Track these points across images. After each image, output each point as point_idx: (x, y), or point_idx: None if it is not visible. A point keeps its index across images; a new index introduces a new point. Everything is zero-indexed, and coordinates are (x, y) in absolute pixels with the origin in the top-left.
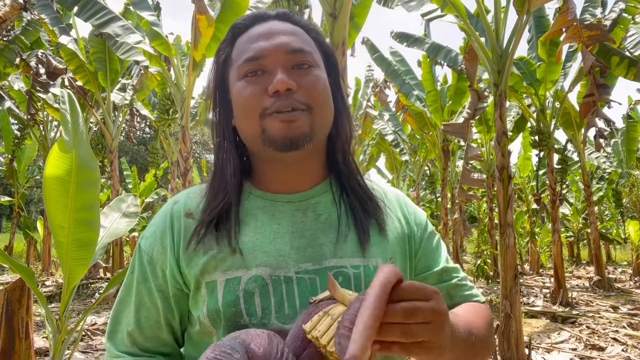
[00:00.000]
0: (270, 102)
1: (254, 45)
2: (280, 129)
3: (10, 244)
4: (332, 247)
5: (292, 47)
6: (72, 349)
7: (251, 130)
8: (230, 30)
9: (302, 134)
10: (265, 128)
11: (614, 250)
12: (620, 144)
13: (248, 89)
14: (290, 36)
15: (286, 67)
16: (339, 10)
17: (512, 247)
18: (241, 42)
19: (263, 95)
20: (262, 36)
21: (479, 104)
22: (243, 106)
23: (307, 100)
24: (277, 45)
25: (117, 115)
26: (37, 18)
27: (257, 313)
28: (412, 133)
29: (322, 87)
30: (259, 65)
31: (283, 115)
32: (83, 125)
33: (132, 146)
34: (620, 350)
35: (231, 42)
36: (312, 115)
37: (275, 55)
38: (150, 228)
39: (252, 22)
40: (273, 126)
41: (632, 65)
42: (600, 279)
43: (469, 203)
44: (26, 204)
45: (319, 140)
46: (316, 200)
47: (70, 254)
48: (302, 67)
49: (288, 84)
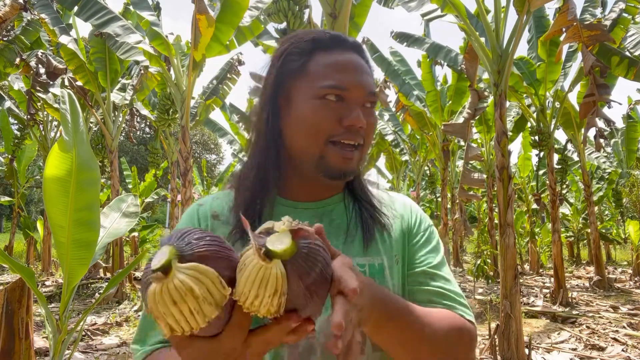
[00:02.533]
0: (339, 132)
1: (342, 75)
2: (339, 162)
3: (10, 244)
4: (341, 247)
5: (371, 90)
6: (72, 349)
7: (310, 151)
8: (311, 41)
9: (353, 170)
10: (325, 155)
11: (614, 250)
12: (620, 144)
13: (323, 112)
14: (369, 77)
15: (361, 104)
16: (339, 10)
17: (512, 247)
18: (323, 62)
19: (336, 123)
20: (350, 69)
21: (479, 104)
22: (311, 126)
23: (365, 139)
24: (363, 84)
25: (117, 115)
26: (37, 18)
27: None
28: (412, 133)
29: (375, 128)
30: (341, 94)
31: (344, 152)
32: (83, 125)
33: (132, 146)
34: (620, 350)
35: (309, 53)
36: (362, 151)
37: (358, 92)
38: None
39: (334, 44)
40: (334, 158)
41: (632, 65)
42: (600, 279)
43: (469, 203)
44: (26, 204)
45: None
46: (332, 207)
47: (70, 254)
48: (370, 106)
49: (363, 123)
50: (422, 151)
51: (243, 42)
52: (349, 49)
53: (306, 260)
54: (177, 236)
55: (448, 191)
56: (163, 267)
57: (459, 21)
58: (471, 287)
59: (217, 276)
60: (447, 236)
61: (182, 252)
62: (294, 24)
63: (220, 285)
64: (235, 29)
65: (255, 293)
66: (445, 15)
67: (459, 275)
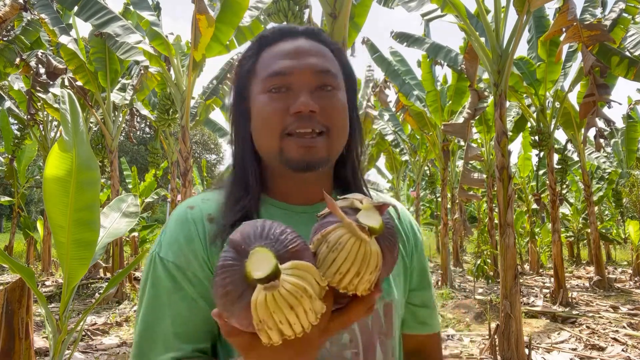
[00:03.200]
0: (290, 121)
1: (281, 62)
2: (298, 152)
3: (10, 244)
4: None
5: (318, 69)
6: (72, 349)
7: (269, 147)
8: (256, 41)
9: (320, 159)
10: (284, 149)
11: (614, 250)
12: (620, 144)
13: (270, 105)
14: (318, 57)
15: (311, 88)
16: (339, 10)
17: (512, 247)
18: (267, 56)
19: (285, 113)
20: (290, 54)
21: (479, 104)
22: (263, 122)
23: (327, 123)
24: (305, 65)
25: (117, 115)
26: (37, 18)
27: None
28: (412, 133)
29: (342, 111)
30: (284, 82)
31: (302, 140)
32: (83, 125)
33: (132, 146)
34: (620, 350)
35: (256, 53)
36: (329, 138)
37: (301, 74)
38: (167, 236)
39: (280, 36)
40: (291, 149)
41: (632, 65)
42: (600, 279)
43: (469, 203)
44: (26, 204)
45: (333, 160)
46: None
47: (70, 254)
48: (325, 88)
49: (311, 106)
50: (422, 151)
51: (243, 42)
52: (298, 37)
53: (392, 235)
54: (259, 235)
55: (448, 191)
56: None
57: (459, 21)
58: (471, 287)
59: (316, 269)
60: (447, 236)
61: (277, 252)
62: (294, 24)
63: (320, 278)
64: (235, 29)
65: (357, 270)
66: (445, 15)
67: (459, 275)
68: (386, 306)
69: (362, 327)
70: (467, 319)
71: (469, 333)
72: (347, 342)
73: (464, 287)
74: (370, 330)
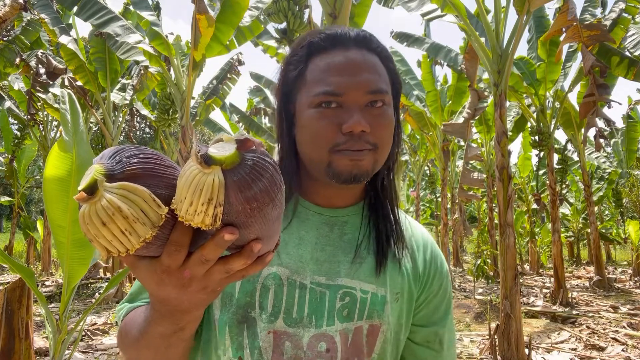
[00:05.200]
0: (342, 140)
1: (334, 78)
2: (347, 166)
3: (10, 244)
4: (348, 267)
5: (371, 88)
6: (72, 349)
7: (317, 159)
8: (306, 46)
9: (365, 173)
10: (333, 162)
11: (614, 250)
12: (620, 144)
13: (321, 121)
14: (371, 74)
15: (362, 105)
16: (339, 10)
17: (512, 247)
18: (319, 66)
19: (336, 130)
20: (343, 69)
21: (479, 104)
22: (313, 136)
23: (375, 141)
24: (358, 84)
25: (117, 115)
26: (37, 18)
27: (268, 309)
28: (412, 133)
29: (391, 128)
30: (336, 99)
31: (352, 154)
32: (83, 125)
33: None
34: (620, 350)
35: (306, 59)
36: (376, 153)
37: (355, 93)
38: None
39: (332, 44)
40: (341, 163)
41: (632, 65)
42: (600, 279)
43: (469, 203)
44: (26, 204)
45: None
46: (345, 219)
47: (70, 254)
48: (375, 105)
49: (363, 126)
50: (422, 151)
51: (243, 42)
52: (349, 46)
53: (249, 173)
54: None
55: (448, 191)
56: (89, 186)
57: (459, 21)
58: (471, 287)
59: (150, 194)
60: (447, 236)
61: (111, 171)
62: (294, 24)
63: (154, 204)
64: (235, 29)
65: (190, 200)
66: (445, 15)
67: (459, 275)
68: (371, 327)
69: (343, 339)
70: (467, 319)
71: (469, 333)
72: (323, 352)
73: (464, 287)
74: (348, 346)
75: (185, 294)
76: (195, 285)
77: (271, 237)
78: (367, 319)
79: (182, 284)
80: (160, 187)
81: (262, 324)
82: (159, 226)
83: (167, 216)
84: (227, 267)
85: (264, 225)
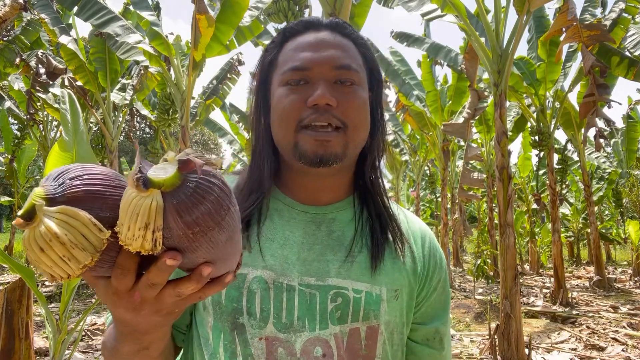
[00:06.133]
0: (307, 114)
1: (302, 54)
2: (312, 146)
3: (10, 244)
4: (338, 266)
5: (338, 63)
6: (72, 349)
7: (285, 140)
8: (281, 32)
9: (334, 154)
10: (298, 142)
11: (614, 250)
12: (620, 144)
13: (288, 98)
14: (339, 50)
15: (329, 81)
16: (339, 10)
17: (512, 247)
18: (289, 48)
19: (302, 105)
20: (311, 46)
21: (479, 104)
22: (280, 114)
23: (344, 119)
24: (325, 58)
25: (117, 115)
26: (37, 18)
27: (256, 314)
28: (412, 133)
29: (361, 107)
30: (303, 75)
31: (317, 133)
32: (83, 125)
33: (132, 146)
34: (620, 350)
35: (280, 45)
36: (346, 134)
37: (320, 68)
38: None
39: (304, 28)
40: (306, 142)
41: (632, 65)
42: (600, 279)
43: (469, 203)
44: None
45: (349, 158)
46: (333, 216)
47: None
48: (345, 83)
49: (328, 99)
50: (422, 151)
51: (243, 42)
52: (321, 29)
53: (190, 196)
54: (54, 176)
55: (448, 191)
56: (27, 212)
57: (459, 21)
58: (471, 287)
59: (90, 218)
60: (447, 236)
61: (52, 194)
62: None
63: (95, 228)
64: (235, 29)
65: (128, 224)
66: (445, 15)
67: (459, 275)
68: (369, 329)
69: (338, 343)
70: (467, 319)
71: (469, 333)
72: (320, 357)
73: (464, 287)
74: (346, 350)
75: (139, 317)
76: (148, 308)
77: (225, 259)
78: (364, 320)
79: (133, 307)
80: (104, 209)
81: (252, 330)
82: (102, 250)
83: (110, 240)
84: (177, 291)
85: (212, 249)
